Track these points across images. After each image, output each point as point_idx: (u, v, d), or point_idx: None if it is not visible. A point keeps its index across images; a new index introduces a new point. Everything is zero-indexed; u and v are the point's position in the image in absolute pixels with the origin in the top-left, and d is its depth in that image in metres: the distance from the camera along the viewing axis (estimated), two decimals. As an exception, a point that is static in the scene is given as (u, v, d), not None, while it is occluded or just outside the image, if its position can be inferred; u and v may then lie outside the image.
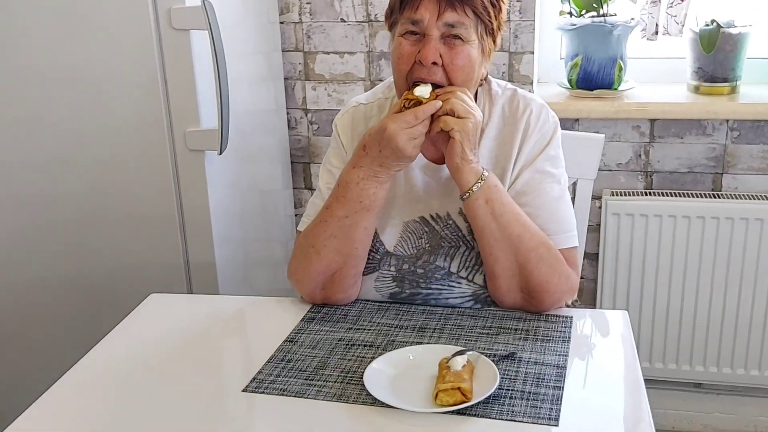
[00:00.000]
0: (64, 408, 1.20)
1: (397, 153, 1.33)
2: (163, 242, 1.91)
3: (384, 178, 1.38)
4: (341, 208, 1.40)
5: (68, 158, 1.88)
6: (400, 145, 1.32)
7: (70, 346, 1.85)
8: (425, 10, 1.34)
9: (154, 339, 1.40)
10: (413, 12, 1.35)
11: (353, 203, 1.38)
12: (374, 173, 1.37)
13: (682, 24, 2.19)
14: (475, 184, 1.35)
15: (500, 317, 1.41)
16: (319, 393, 1.19)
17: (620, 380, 1.24)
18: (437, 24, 1.34)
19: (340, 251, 1.42)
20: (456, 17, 1.34)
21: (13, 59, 1.82)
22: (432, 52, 1.34)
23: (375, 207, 1.40)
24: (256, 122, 2.24)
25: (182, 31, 1.75)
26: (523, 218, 1.39)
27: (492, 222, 1.37)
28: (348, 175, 1.39)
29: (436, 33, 1.35)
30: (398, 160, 1.35)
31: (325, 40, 2.38)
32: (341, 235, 1.41)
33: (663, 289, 2.30)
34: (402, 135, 1.31)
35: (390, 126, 1.32)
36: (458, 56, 1.36)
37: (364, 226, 1.41)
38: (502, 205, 1.37)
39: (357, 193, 1.38)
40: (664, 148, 2.29)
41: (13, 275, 1.99)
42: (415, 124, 1.32)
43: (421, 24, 1.35)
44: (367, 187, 1.37)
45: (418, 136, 1.33)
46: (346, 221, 1.40)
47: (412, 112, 1.32)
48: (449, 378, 1.15)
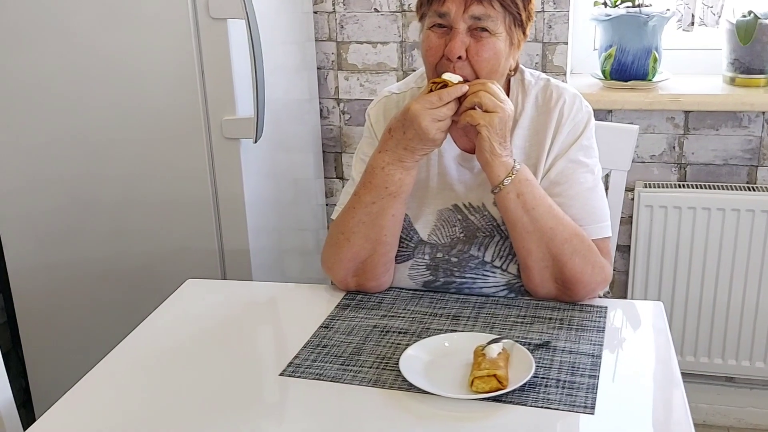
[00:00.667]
0: (103, 393, 1.23)
1: (421, 134, 1.33)
2: (198, 229, 1.93)
3: (409, 164, 1.38)
4: (368, 194, 1.41)
5: (106, 145, 1.91)
6: (423, 125, 1.31)
7: (108, 329, 1.89)
8: (452, 3, 1.34)
9: (192, 324, 1.42)
10: (440, 5, 1.35)
11: (380, 189, 1.39)
12: (399, 157, 1.37)
13: (718, 15, 2.17)
14: (506, 178, 1.35)
15: (534, 306, 1.41)
16: (355, 378, 1.21)
17: (656, 371, 1.24)
18: (463, 17, 1.34)
19: (368, 238, 1.43)
20: (482, 10, 1.34)
21: (55, 47, 1.85)
22: (458, 46, 1.34)
23: (401, 193, 1.40)
24: (289, 111, 2.25)
25: (220, 20, 1.77)
26: (556, 210, 1.38)
27: (524, 215, 1.37)
28: (374, 160, 1.40)
29: (463, 26, 1.35)
30: (422, 142, 1.34)
31: (359, 30, 2.39)
32: (369, 222, 1.42)
33: (695, 282, 2.29)
34: (425, 115, 1.31)
35: (414, 106, 1.33)
36: (484, 48, 1.36)
37: (392, 213, 1.41)
38: (534, 199, 1.36)
39: (383, 179, 1.38)
40: (699, 140, 2.27)
41: (51, 261, 2.03)
42: (438, 106, 1.31)
43: (448, 17, 1.35)
44: (393, 173, 1.38)
45: (443, 119, 1.32)
46: (374, 207, 1.40)
47: (436, 94, 1.32)
48: (485, 365, 1.15)
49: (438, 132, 1.33)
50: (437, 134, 1.33)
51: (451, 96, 1.32)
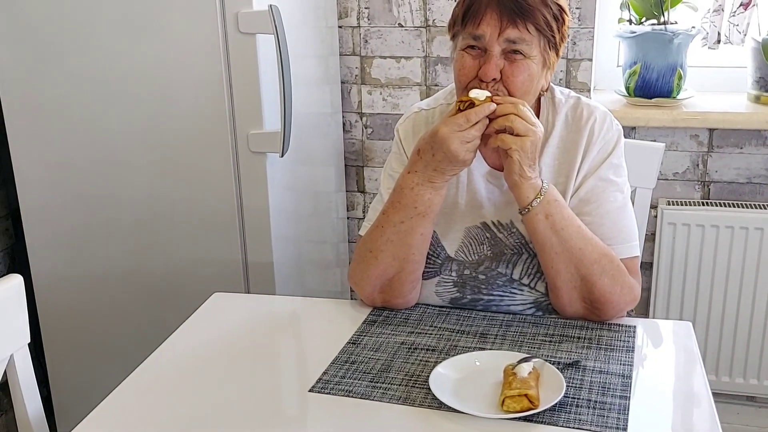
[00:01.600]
0: (131, 407, 1.23)
1: (450, 157, 1.32)
2: (224, 241, 1.94)
3: (439, 184, 1.37)
4: (397, 213, 1.40)
5: (134, 158, 1.92)
6: (452, 149, 1.31)
7: (135, 341, 1.90)
8: (487, 26, 1.34)
9: (219, 338, 1.43)
10: (475, 28, 1.35)
11: (408, 209, 1.39)
12: (429, 178, 1.36)
13: (744, 33, 2.16)
14: (534, 200, 1.34)
15: (562, 325, 1.41)
16: (384, 395, 1.21)
17: (686, 391, 1.24)
18: (498, 40, 1.34)
19: (396, 256, 1.43)
20: (517, 34, 1.34)
21: (84, 61, 1.87)
22: (492, 69, 1.34)
23: (430, 213, 1.40)
24: (313, 125, 2.26)
25: (249, 35, 1.78)
26: (584, 231, 1.38)
27: (552, 236, 1.36)
28: (403, 180, 1.39)
29: (498, 49, 1.35)
30: (452, 164, 1.34)
31: (382, 45, 2.40)
32: (397, 240, 1.42)
33: (718, 300, 2.28)
34: (454, 138, 1.30)
35: (441, 129, 1.32)
36: (519, 71, 1.36)
37: (420, 232, 1.41)
38: (563, 219, 1.36)
39: (412, 199, 1.38)
40: (723, 158, 2.27)
41: (79, 272, 2.04)
42: (467, 127, 1.30)
43: (483, 40, 1.35)
44: (422, 193, 1.37)
45: (472, 140, 1.31)
46: (402, 227, 1.40)
47: (464, 115, 1.31)
48: (516, 384, 1.15)
49: (467, 153, 1.32)
50: (467, 155, 1.33)
51: (478, 116, 1.31)
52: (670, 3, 2.19)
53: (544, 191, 1.35)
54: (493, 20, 1.34)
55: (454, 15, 1.42)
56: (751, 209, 2.22)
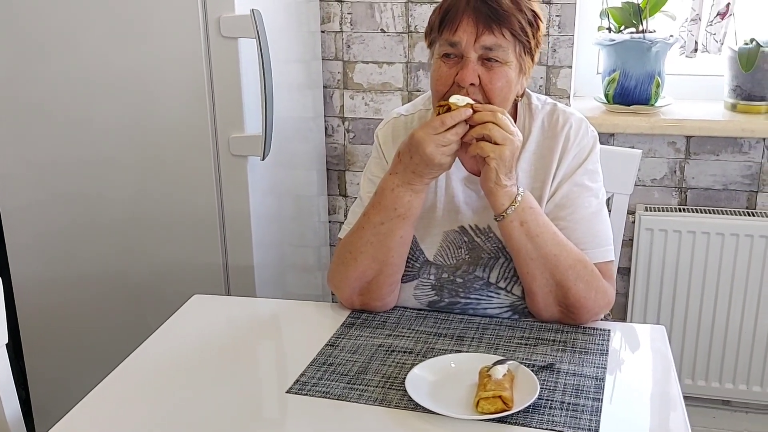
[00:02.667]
0: (108, 409, 1.23)
1: (426, 160, 1.33)
2: (204, 244, 1.95)
3: (418, 187, 1.39)
4: (377, 214, 1.42)
5: (115, 160, 1.93)
6: (427, 152, 1.32)
7: (115, 343, 1.89)
8: (463, 32, 1.36)
9: (197, 340, 1.43)
10: (452, 34, 1.36)
11: (389, 210, 1.40)
12: (408, 180, 1.38)
13: (721, 42, 2.20)
14: (509, 207, 1.36)
15: (538, 328, 1.43)
16: (361, 397, 1.22)
17: (658, 394, 1.26)
18: (475, 46, 1.36)
19: (375, 258, 1.44)
20: (494, 40, 1.36)
21: (66, 63, 1.88)
22: (470, 74, 1.36)
23: (410, 216, 1.41)
24: (295, 129, 2.27)
25: (231, 39, 1.79)
26: (560, 237, 1.39)
27: (527, 243, 1.38)
28: (384, 181, 1.41)
29: (474, 55, 1.36)
30: (429, 167, 1.35)
31: (365, 50, 2.41)
32: (377, 242, 1.43)
33: (694, 305, 2.30)
34: (429, 141, 1.31)
35: (417, 132, 1.33)
36: (496, 77, 1.37)
37: (400, 234, 1.42)
38: (537, 226, 1.37)
39: (392, 201, 1.40)
40: (700, 165, 2.30)
41: (59, 274, 2.04)
42: (442, 131, 1.31)
43: (459, 46, 1.36)
44: (402, 195, 1.39)
45: (448, 144, 1.32)
46: (382, 228, 1.42)
47: (439, 119, 1.32)
48: (490, 386, 1.17)
49: (444, 157, 1.33)
50: (443, 159, 1.34)
51: (454, 120, 1.32)
52: (649, 12, 2.22)
53: (519, 199, 1.36)
54: (469, 27, 1.35)
55: (430, 23, 1.44)
56: (727, 215, 2.25)
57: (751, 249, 2.22)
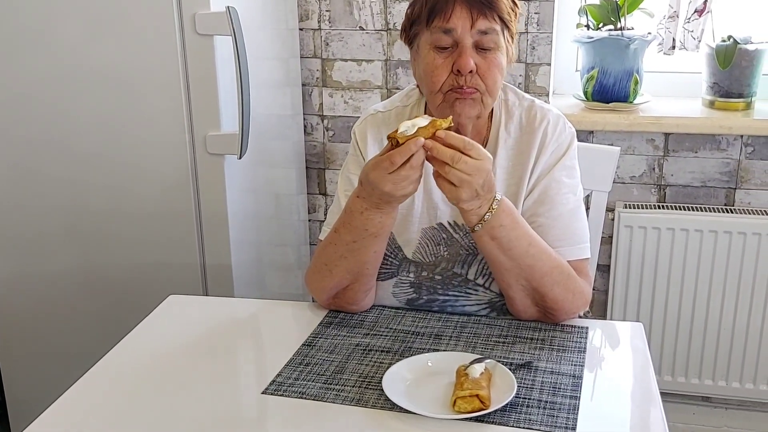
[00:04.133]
0: (82, 411, 1.22)
1: (387, 198, 1.28)
2: (181, 243, 1.93)
3: (387, 209, 1.34)
4: (348, 233, 1.38)
5: (90, 159, 1.91)
6: (386, 191, 1.25)
7: (87, 342, 1.88)
8: (458, 19, 1.34)
9: (174, 340, 1.42)
10: (445, 22, 1.35)
11: (359, 230, 1.36)
12: (375, 205, 1.32)
13: (699, 39, 2.20)
14: (477, 224, 1.32)
15: (516, 326, 1.42)
16: (338, 397, 1.21)
17: (635, 391, 1.25)
18: (471, 32, 1.35)
19: (350, 270, 1.42)
20: (488, 24, 1.35)
21: (41, 61, 1.85)
22: (469, 61, 1.34)
23: (382, 233, 1.37)
24: (273, 127, 2.26)
25: (206, 36, 1.78)
26: (534, 247, 1.35)
27: (500, 255, 1.35)
28: (353, 203, 1.35)
29: (470, 41, 1.35)
30: (392, 201, 1.30)
31: (343, 48, 2.40)
32: (351, 257, 1.40)
33: (674, 302, 2.31)
34: (386, 182, 1.24)
35: (371, 174, 1.26)
36: (492, 64, 1.37)
37: (374, 250, 1.40)
38: (510, 241, 1.33)
39: (362, 222, 1.35)
40: (678, 162, 2.31)
41: (31, 272, 2.02)
42: (394, 170, 1.23)
43: (454, 33, 1.35)
44: (372, 217, 1.34)
45: (406, 179, 1.24)
46: (355, 245, 1.38)
47: (389, 158, 1.23)
48: (467, 385, 1.16)
49: (405, 189, 1.26)
50: (405, 191, 1.26)
51: (403, 157, 1.22)
52: (627, 9, 2.22)
53: (487, 217, 1.30)
54: (463, 12, 1.34)
55: (411, 17, 1.42)
56: (705, 212, 2.26)
57: (730, 245, 2.22)
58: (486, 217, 1.31)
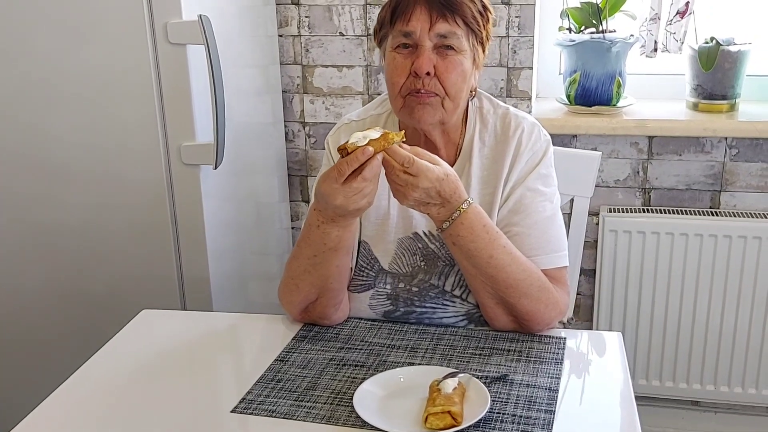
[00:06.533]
0: (52, 426, 1.19)
1: (341, 211, 1.26)
2: (157, 256, 1.90)
3: (344, 223, 1.32)
4: (308, 247, 1.37)
5: (63, 170, 1.88)
6: (338, 204, 1.24)
7: (65, 356, 1.85)
8: (417, 21, 1.34)
9: (145, 356, 1.39)
10: (405, 24, 1.35)
11: (318, 245, 1.35)
12: (331, 219, 1.31)
13: (681, 41, 2.18)
14: (438, 229, 1.33)
15: (493, 338, 1.40)
16: (308, 415, 1.18)
17: (612, 403, 1.23)
18: (429, 35, 1.34)
19: (314, 284, 1.40)
20: (448, 27, 1.34)
21: (11, 71, 1.82)
22: (426, 62, 1.34)
23: (342, 247, 1.35)
24: (254, 135, 2.23)
25: (179, 45, 1.75)
26: (495, 260, 1.32)
27: (463, 260, 1.36)
28: (310, 216, 1.34)
29: (429, 44, 1.35)
30: (346, 215, 1.28)
31: (324, 54, 2.38)
32: (314, 272, 1.39)
33: (660, 306, 2.29)
34: (337, 195, 1.23)
35: (321, 186, 1.25)
36: (452, 66, 1.36)
37: (336, 264, 1.38)
38: (469, 250, 1.32)
39: (320, 237, 1.34)
40: (663, 165, 2.28)
41: (5, 286, 1.99)
42: (343, 181, 1.22)
43: (414, 35, 1.35)
44: (329, 231, 1.32)
45: (358, 192, 1.23)
46: (316, 260, 1.37)
47: (336, 168, 1.22)
48: (440, 401, 1.13)
49: (358, 203, 1.24)
50: (358, 204, 1.25)
51: (351, 167, 1.21)
52: (609, 11, 2.20)
53: (445, 225, 1.31)
54: (423, 15, 1.34)
55: (379, 19, 1.42)
56: (690, 216, 2.24)
57: (715, 248, 2.20)
58: (444, 225, 1.31)
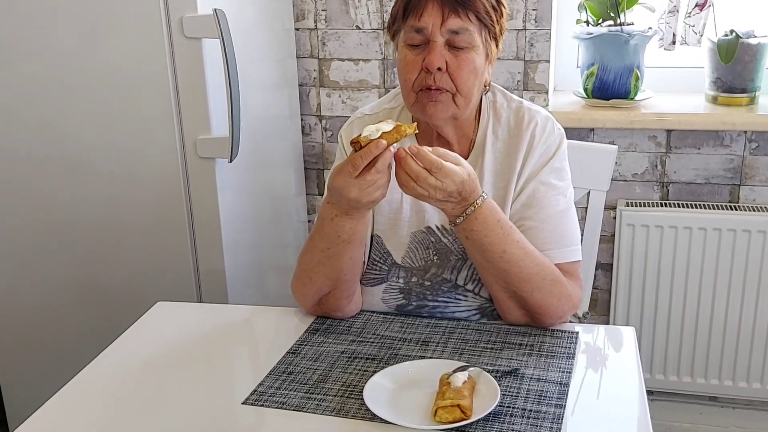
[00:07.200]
0: (66, 416, 1.21)
1: (354, 204, 1.27)
2: (173, 249, 1.91)
3: (357, 215, 1.32)
4: (321, 240, 1.37)
5: (80, 164, 1.89)
6: (352, 197, 1.24)
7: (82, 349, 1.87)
8: (429, 17, 1.33)
9: (158, 348, 1.40)
10: (417, 20, 1.34)
11: (332, 237, 1.35)
12: (345, 212, 1.31)
13: (700, 34, 2.16)
14: (452, 223, 1.33)
15: (505, 332, 1.40)
16: (319, 407, 1.19)
17: (624, 398, 1.22)
18: (441, 30, 1.33)
19: (329, 277, 1.41)
20: (460, 23, 1.33)
21: (30, 66, 1.84)
22: (437, 58, 1.33)
23: (355, 239, 1.36)
24: (270, 128, 2.24)
25: (194, 39, 1.76)
26: (508, 254, 1.32)
27: (476, 254, 1.35)
28: (323, 210, 1.35)
29: (441, 39, 1.34)
30: (360, 207, 1.29)
31: (340, 47, 2.38)
32: (327, 264, 1.39)
33: (678, 301, 2.27)
34: (351, 187, 1.23)
35: (336, 180, 1.25)
36: (464, 63, 1.35)
37: (349, 256, 1.38)
38: (482, 245, 1.32)
39: (333, 229, 1.34)
40: (681, 159, 2.26)
41: (26, 279, 2.01)
42: (358, 174, 1.22)
43: (425, 31, 1.34)
44: (342, 224, 1.33)
45: (372, 184, 1.23)
46: (329, 252, 1.37)
47: (351, 161, 1.22)
48: (449, 395, 1.14)
49: (372, 195, 1.25)
50: (372, 197, 1.25)
51: (365, 160, 1.21)
52: (626, 4, 2.18)
53: (459, 220, 1.30)
54: (435, 11, 1.33)
55: (393, 13, 1.42)
56: (709, 210, 2.22)
57: (734, 243, 2.18)
58: (458, 220, 1.31)
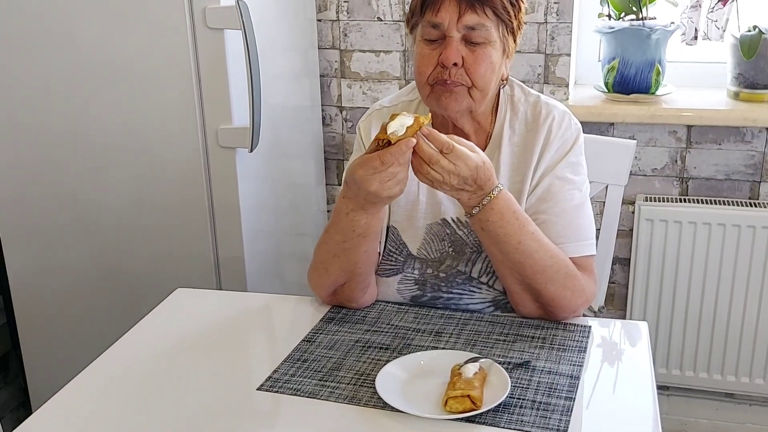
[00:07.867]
0: (87, 397, 1.24)
1: (373, 198, 1.28)
2: (194, 237, 1.94)
3: (373, 210, 1.34)
4: (337, 233, 1.39)
5: (102, 153, 1.93)
6: (371, 191, 1.26)
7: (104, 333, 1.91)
8: (446, 12, 1.34)
9: (177, 334, 1.43)
10: (434, 15, 1.35)
11: (347, 231, 1.37)
12: (361, 206, 1.33)
13: (723, 29, 2.14)
14: (467, 214, 1.34)
15: (518, 324, 1.41)
16: (332, 394, 1.21)
17: (633, 392, 1.23)
18: (458, 26, 1.34)
19: (344, 269, 1.43)
20: (476, 19, 1.34)
21: (53, 58, 1.87)
22: (453, 53, 1.34)
23: (370, 233, 1.38)
24: (291, 119, 2.26)
25: (216, 30, 1.78)
26: (523, 246, 1.33)
27: (491, 246, 1.36)
28: (339, 204, 1.36)
29: (457, 35, 1.35)
30: (377, 202, 1.30)
31: (362, 39, 2.39)
32: (342, 256, 1.41)
33: (695, 296, 2.27)
34: (372, 181, 1.25)
35: (358, 171, 1.26)
36: (480, 59, 1.36)
37: (364, 249, 1.40)
38: (497, 236, 1.33)
39: (348, 224, 1.35)
40: (701, 154, 2.26)
41: (50, 264, 2.05)
42: (383, 169, 1.24)
43: (442, 26, 1.35)
44: (358, 218, 1.34)
45: (393, 177, 1.25)
46: (344, 245, 1.39)
47: (378, 157, 1.24)
48: (460, 385, 1.15)
49: (391, 189, 1.26)
50: (392, 191, 1.27)
51: (395, 158, 1.23)
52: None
53: (475, 211, 1.31)
54: (451, 7, 1.34)
55: (411, 7, 1.43)
56: (729, 206, 2.21)
57: (754, 240, 2.17)
58: (474, 211, 1.32)
